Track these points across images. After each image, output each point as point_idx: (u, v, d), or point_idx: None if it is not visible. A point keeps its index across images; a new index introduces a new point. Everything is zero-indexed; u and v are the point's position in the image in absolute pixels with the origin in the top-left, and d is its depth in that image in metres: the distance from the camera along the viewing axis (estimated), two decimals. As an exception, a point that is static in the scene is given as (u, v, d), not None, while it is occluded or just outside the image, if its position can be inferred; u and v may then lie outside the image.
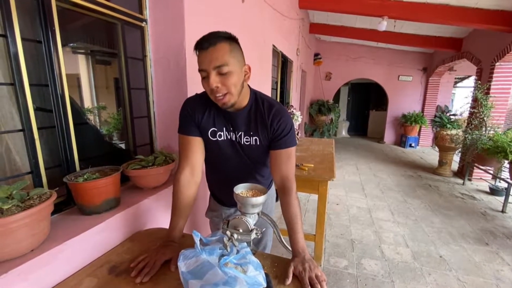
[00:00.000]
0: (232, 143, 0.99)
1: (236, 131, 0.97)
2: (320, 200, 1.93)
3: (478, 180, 4.21)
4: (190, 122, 0.96)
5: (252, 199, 0.84)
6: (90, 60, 1.89)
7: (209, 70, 0.81)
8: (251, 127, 0.96)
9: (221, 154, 1.01)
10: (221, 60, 0.80)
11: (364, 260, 2.15)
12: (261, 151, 1.00)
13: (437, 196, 3.64)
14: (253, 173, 1.07)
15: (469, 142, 3.69)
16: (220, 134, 0.97)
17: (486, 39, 4.21)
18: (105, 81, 1.87)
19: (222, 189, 1.16)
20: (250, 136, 0.96)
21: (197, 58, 0.84)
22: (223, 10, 1.74)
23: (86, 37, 1.57)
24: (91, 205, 0.97)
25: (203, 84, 0.87)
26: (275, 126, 0.94)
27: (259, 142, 0.97)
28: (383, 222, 2.85)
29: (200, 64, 0.83)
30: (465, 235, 2.60)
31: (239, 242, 0.83)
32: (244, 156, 1.01)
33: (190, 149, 0.97)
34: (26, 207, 0.73)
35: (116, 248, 0.97)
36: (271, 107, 0.95)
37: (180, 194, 0.95)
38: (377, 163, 5.40)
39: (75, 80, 1.83)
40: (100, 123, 1.68)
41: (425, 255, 2.25)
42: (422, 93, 7.08)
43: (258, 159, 1.03)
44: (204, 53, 0.81)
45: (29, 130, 0.91)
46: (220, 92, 0.83)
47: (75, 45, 1.66)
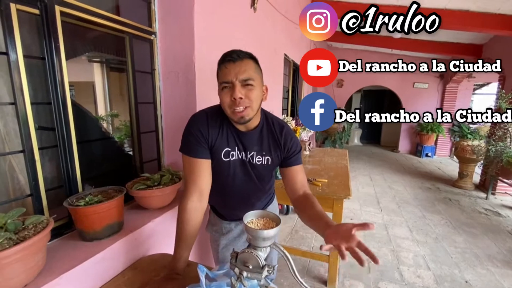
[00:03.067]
0: (243, 162, 0.97)
1: (248, 151, 0.95)
2: (335, 219, 1.81)
3: (503, 195, 3.95)
4: (200, 143, 0.89)
5: (264, 232, 0.75)
6: (104, 68, 1.89)
7: (235, 82, 0.81)
8: (263, 147, 0.96)
9: (230, 173, 0.97)
10: (248, 74, 0.82)
11: (382, 284, 2.00)
12: (270, 170, 1.01)
13: (459, 211, 3.43)
14: (256, 190, 1.05)
15: (493, 154, 3.48)
16: (232, 154, 0.95)
17: (508, 45, 4.00)
18: (119, 88, 1.87)
19: (224, 205, 1.11)
20: (263, 156, 0.96)
21: (219, 71, 0.85)
22: (234, 21, 1.69)
23: (99, 48, 1.55)
24: (92, 231, 0.91)
25: (222, 96, 0.85)
26: (289, 145, 0.97)
27: (271, 161, 0.97)
28: (400, 240, 2.68)
29: (225, 76, 0.82)
30: (491, 257, 2.40)
31: (248, 280, 0.75)
32: (252, 175, 0.99)
33: (199, 173, 0.90)
34: (20, 239, 0.67)
35: (117, 278, 0.90)
36: (281, 127, 0.98)
37: (186, 224, 0.87)
38: (392, 174, 5.19)
39: (91, 88, 1.83)
40: (112, 131, 1.65)
41: (449, 279, 2.08)
42: (439, 100, 6.83)
43: (264, 177, 1.03)
44: (231, 65, 0.82)
45: (30, 150, 0.87)
46: (242, 105, 0.83)
47: (90, 54, 1.65)
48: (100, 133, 1.41)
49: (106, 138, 1.33)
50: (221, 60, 0.85)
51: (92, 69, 1.85)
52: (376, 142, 8.90)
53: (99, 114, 1.77)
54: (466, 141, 4.33)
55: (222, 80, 0.83)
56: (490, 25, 3.37)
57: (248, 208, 0.95)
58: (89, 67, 1.80)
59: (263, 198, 1.10)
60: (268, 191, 1.11)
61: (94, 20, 1.03)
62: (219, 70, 0.85)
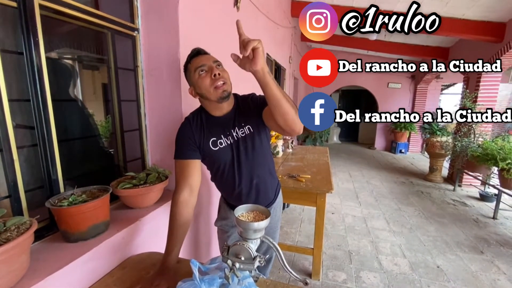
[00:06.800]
0: (232, 146, 1.03)
1: (232, 130, 1.03)
2: (318, 213, 1.88)
3: (468, 186, 4.28)
4: (188, 145, 1.00)
5: (255, 224, 0.78)
6: (77, 66, 1.80)
7: (210, 64, 0.95)
8: (240, 120, 1.04)
9: (226, 161, 1.04)
10: (218, 60, 0.98)
11: (363, 273, 2.11)
12: (256, 138, 1.05)
13: (430, 203, 3.67)
14: (255, 167, 1.08)
15: (459, 149, 3.75)
16: (220, 142, 1.02)
17: (472, 49, 4.34)
18: (92, 87, 1.80)
19: (231, 195, 1.13)
20: (243, 128, 1.03)
21: (192, 63, 0.97)
22: (217, 19, 1.69)
23: (73, 44, 1.48)
24: (77, 232, 0.88)
25: (201, 81, 0.94)
26: (250, 101, 1.06)
27: (252, 128, 1.04)
28: (379, 231, 2.83)
29: (200, 62, 0.95)
30: (460, 244, 2.61)
31: (241, 271, 0.77)
32: (242, 150, 1.04)
33: (189, 171, 0.98)
34: (2, 241, 0.65)
35: (105, 279, 0.88)
36: (246, 97, 1.09)
37: (178, 216, 0.92)
38: (369, 170, 5.43)
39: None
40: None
41: (423, 265, 2.23)
42: (411, 99, 7.23)
43: (255, 148, 1.05)
44: (203, 56, 0.98)
45: (8, 149, 0.83)
46: (220, 80, 0.94)
47: (60, 51, 1.57)
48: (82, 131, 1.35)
49: (89, 136, 1.28)
50: (192, 54, 0.99)
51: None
52: (354, 140, 9.25)
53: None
54: (435, 138, 4.64)
55: (198, 66, 0.94)
56: (456, 30, 3.63)
57: (254, 193, 1.07)
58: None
59: (265, 177, 1.11)
60: (266, 169, 1.12)
61: (75, 14, 1.00)
62: (192, 62, 0.97)
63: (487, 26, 3.52)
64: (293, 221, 3.03)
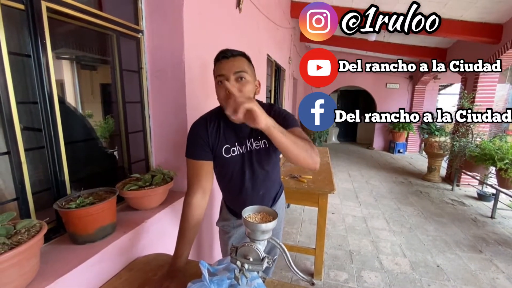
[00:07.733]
0: (244, 156, 1.01)
1: (247, 141, 1.00)
2: (320, 213, 1.89)
3: (466, 186, 4.32)
4: (201, 146, 0.97)
5: (263, 226, 0.79)
6: (75, 66, 1.80)
7: (229, 75, 0.87)
8: (257, 132, 0.99)
9: (236, 169, 1.02)
10: (241, 67, 0.88)
11: (364, 272, 2.13)
12: (269, 153, 1.02)
13: (429, 202, 3.70)
14: (263, 180, 1.07)
15: (457, 149, 3.79)
16: (233, 150, 1.00)
17: (470, 50, 4.38)
18: (90, 88, 1.79)
19: (236, 201, 1.14)
20: (259, 141, 1.00)
21: (214, 67, 0.91)
22: (220, 21, 1.70)
23: (73, 43, 1.48)
24: (85, 233, 0.88)
25: (218, 91, 0.90)
26: (274, 115, 0.96)
27: (267, 144, 1.00)
28: (379, 231, 2.85)
29: (220, 70, 0.88)
30: (459, 243, 2.63)
31: (249, 272, 0.78)
32: (255, 164, 1.02)
33: (202, 173, 0.97)
34: (14, 244, 0.65)
35: (113, 280, 0.89)
36: (267, 109, 0.98)
37: (191, 218, 0.92)
38: (368, 170, 5.46)
39: (59, 86, 1.72)
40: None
41: (423, 265, 2.25)
42: (409, 100, 7.28)
43: (267, 162, 1.04)
44: (225, 61, 0.88)
45: (15, 152, 0.83)
46: None
47: (59, 51, 1.57)
48: (87, 134, 1.35)
49: (94, 138, 1.28)
50: (216, 57, 0.91)
51: (61, 67, 1.75)
52: (352, 140, 9.29)
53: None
54: (433, 138, 4.67)
55: (217, 74, 0.89)
56: (454, 31, 3.67)
57: (258, 201, 1.04)
58: (58, 64, 1.69)
59: (272, 189, 1.13)
60: (274, 181, 1.14)
61: (80, 16, 1.00)
62: (215, 67, 0.91)
63: (485, 28, 3.56)
64: (294, 222, 3.05)
